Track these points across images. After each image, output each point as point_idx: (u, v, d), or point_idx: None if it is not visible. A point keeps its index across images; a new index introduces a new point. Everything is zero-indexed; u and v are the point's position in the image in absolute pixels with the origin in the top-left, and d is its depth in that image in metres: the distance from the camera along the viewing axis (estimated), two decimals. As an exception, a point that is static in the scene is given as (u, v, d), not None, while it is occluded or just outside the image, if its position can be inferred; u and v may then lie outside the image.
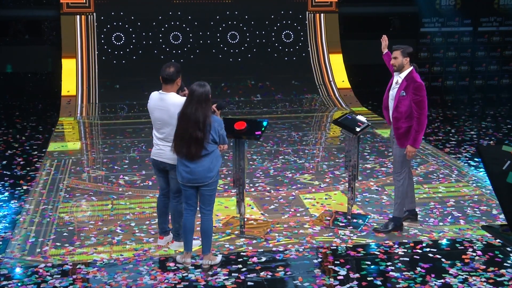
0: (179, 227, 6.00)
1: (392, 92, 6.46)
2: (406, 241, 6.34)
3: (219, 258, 5.84)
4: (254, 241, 6.33)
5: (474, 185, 8.19)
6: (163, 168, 5.89)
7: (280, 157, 9.52)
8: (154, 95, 5.87)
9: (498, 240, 6.34)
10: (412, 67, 6.36)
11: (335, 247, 6.19)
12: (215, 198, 5.76)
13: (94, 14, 14.31)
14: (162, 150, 5.80)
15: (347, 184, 6.95)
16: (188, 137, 5.36)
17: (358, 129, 6.56)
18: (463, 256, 5.96)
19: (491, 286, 5.36)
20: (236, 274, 5.58)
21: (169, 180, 5.91)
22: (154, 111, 5.82)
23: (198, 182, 5.52)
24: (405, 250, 6.12)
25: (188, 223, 5.69)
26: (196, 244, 6.13)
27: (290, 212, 7.17)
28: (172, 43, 14.61)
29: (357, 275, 5.57)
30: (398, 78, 6.41)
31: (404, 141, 6.36)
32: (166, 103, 5.72)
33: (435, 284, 5.39)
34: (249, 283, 5.44)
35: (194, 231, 5.77)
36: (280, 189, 8.04)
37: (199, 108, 5.34)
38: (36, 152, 9.77)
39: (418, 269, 5.69)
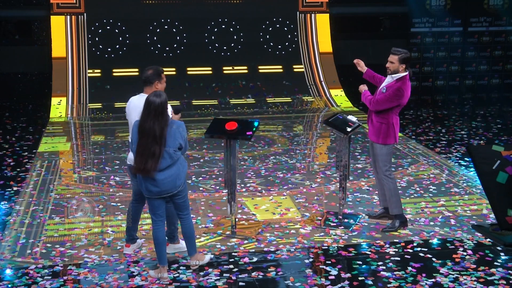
0: (175, 229, 5.98)
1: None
2: (397, 240, 6.36)
3: (207, 257, 5.80)
4: (246, 241, 6.33)
5: (464, 184, 8.22)
6: None
7: (271, 157, 9.53)
8: (134, 98, 5.84)
9: (488, 239, 6.37)
10: (407, 73, 6.38)
11: (326, 247, 6.20)
12: (189, 202, 5.62)
13: (85, 14, 14.27)
14: None
15: (338, 184, 6.96)
16: (148, 153, 5.14)
17: (349, 129, 6.57)
18: (454, 256, 5.98)
19: (482, 285, 5.39)
20: (228, 275, 5.57)
21: None
22: (132, 113, 5.70)
23: (167, 193, 5.33)
24: (396, 250, 6.14)
25: (159, 235, 5.46)
26: (184, 247, 6.07)
27: (282, 212, 7.18)
28: (163, 42, 14.58)
29: (349, 275, 5.58)
30: (390, 78, 6.43)
31: (376, 137, 6.42)
32: None
33: (426, 284, 5.41)
34: (240, 284, 5.44)
35: (165, 242, 5.56)
36: (271, 189, 8.04)
37: (156, 122, 5.13)
38: (26, 153, 9.73)
39: (409, 268, 5.71)
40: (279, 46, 15.02)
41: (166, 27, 14.65)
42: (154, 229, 5.47)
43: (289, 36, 15.11)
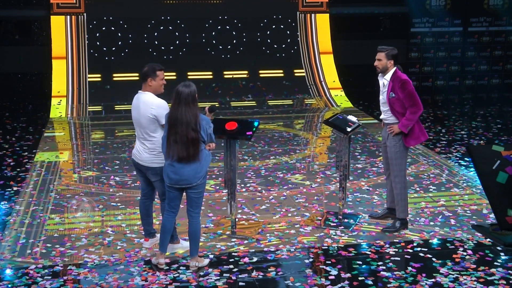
0: (174, 229, 5.99)
1: (382, 96, 6.48)
2: (397, 240, 6.36)
3: (206, 261, 5.80)
4: (246, 241, 6.33)
5: (464, 184, 8.22)
6: (140, 169, 5.92)
7: (271, 157, 9.53)
8: (135, 97, 5.98)
9: (488, 239, 6.37)
10: (395, 67, 6.38)
11: (326, 247, 6.20)
12: (202, 201, 5.70)
13: (85, 14, 14.26)
14: (139, 152, 5.84)
15: (338, 184, 6.96)
16: (186, 140, 5.33)
17: (349, 129, 6.57)
18: (454, 256, 5.98)
19: (482, 285, 5.38)
20: (228, 275, 5.57)
21: (153, 184, 5.91)
22: (133, 111, 5.94)
23: (186, 183, 5.47)
24: (396, 250, 6.13)
25: (167, 224, 5.65)
26: (187, 246, 6.09)
27: (282, 212, 7.17)
28: (163, 43, 14.57)
29: (349, 275, 5.58)
30: (384, 81, 6.43)
31: (410, 140, 6.41)
32: (139, 101, 5.84)
33: (426, 284, 5.41)
34: (240, 284, 5.43)
35: (171, 232, 5.72)
36: (271, 189, 8.04)
37: (188, 110, 5.34)
38: (26, 153, 9.72)
39: (409, 268, 5.71)
40: (280, 47, 15.00)
41: (166, 27, 14.64)
42: (164, 217, 5.68)
43: (289, 37, 15.10)
